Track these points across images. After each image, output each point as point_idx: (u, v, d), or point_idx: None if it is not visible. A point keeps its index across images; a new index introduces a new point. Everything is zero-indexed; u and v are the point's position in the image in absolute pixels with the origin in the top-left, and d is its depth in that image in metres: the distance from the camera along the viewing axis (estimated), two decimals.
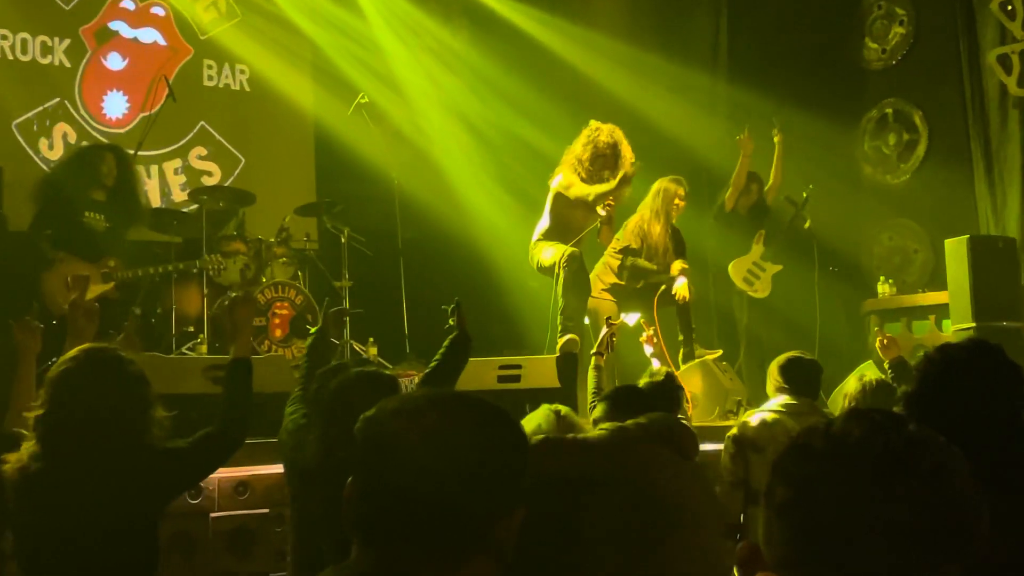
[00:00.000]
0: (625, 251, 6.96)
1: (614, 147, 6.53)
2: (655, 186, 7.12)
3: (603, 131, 6.57)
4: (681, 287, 6.83)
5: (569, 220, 6.58)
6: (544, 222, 6.66)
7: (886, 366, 4.72)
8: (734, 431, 4.26)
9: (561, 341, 6.19)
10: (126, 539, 2.74)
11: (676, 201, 7.05)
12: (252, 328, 3.50)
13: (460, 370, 3.97)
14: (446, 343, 4.00)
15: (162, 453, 2.82)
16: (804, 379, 4.21)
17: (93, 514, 2.68)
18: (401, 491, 1.28)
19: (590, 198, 6.42)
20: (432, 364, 3.98)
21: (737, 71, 9.47)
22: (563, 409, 3.09)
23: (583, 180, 6.51)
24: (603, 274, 7.00)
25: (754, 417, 4.22)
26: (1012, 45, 8.18)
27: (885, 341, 4.79)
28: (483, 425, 1.34)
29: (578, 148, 6.60)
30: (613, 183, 6.39)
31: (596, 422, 3.21)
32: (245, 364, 3.17)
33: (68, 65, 8.20)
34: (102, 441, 2.70)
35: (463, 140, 9.09)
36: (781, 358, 4.31)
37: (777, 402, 4.19)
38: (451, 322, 4.08)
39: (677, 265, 6.93)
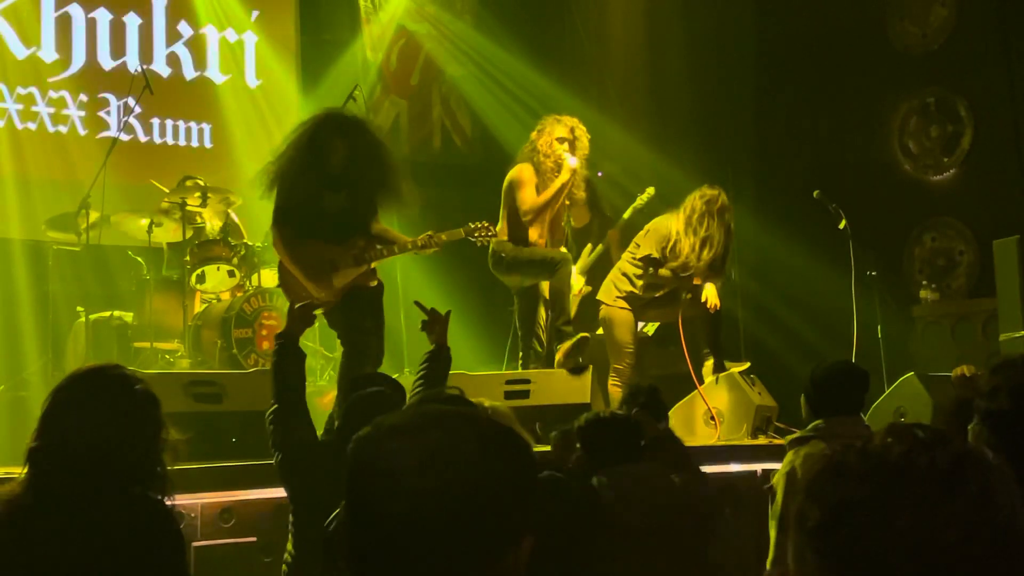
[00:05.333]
0: (646, 260, 6.77)
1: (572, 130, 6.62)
2: (689, 199, 6.84)
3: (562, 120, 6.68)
4: (711, 293, 6.71)
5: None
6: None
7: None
8: (787, 467, 3.92)
9: (567, 344, 6.24)
10: None
11: None
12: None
13: (444, 383, 4.01)
14: (423, 358, 4.18)
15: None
16: (842, 393, 3.97)
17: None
18: (398, 518, 1.25)
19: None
20: (416, 381, 4.09)
21: (764, 55, 9.46)
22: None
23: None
24: (618, 281, 6.83)
25: (801, 444, 3.94)
26: None
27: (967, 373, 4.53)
28: (490, 445, 1.31)
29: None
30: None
31: None
32: None
33: None
34: (95, 481, 2.35)
35: None
36: (816, 369, 4.05)
37: (812, 424, 3.96)
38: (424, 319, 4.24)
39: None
